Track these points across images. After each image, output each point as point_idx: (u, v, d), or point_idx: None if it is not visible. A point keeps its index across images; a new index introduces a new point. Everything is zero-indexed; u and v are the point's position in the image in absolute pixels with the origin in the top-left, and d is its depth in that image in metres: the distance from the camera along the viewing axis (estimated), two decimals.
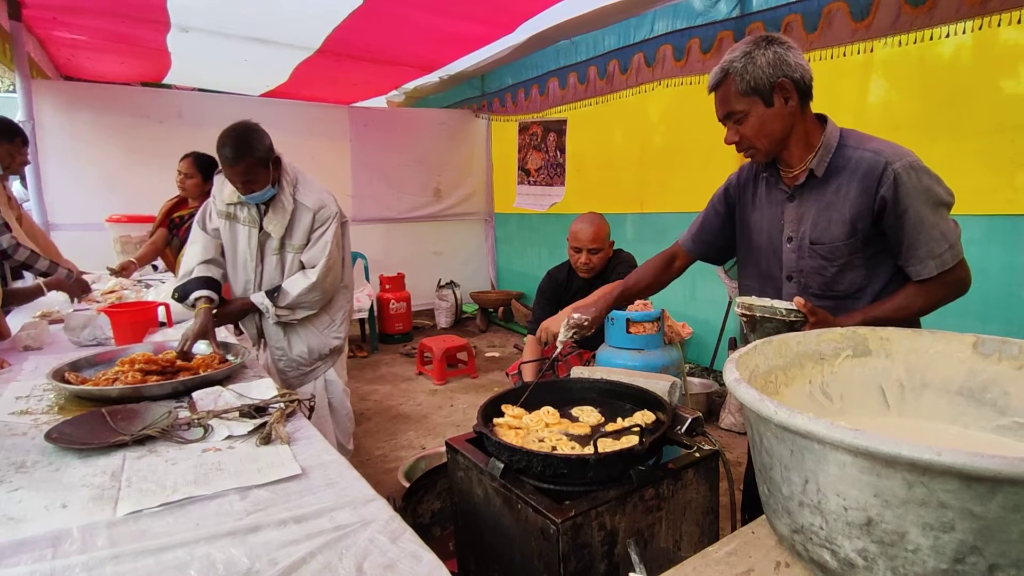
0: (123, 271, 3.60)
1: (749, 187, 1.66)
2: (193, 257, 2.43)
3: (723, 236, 1.76)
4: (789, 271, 1.55)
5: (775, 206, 1.57)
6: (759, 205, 1.62)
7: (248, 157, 2.18)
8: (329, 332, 2.62)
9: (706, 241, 1.80)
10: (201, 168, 3.52)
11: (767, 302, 1.40)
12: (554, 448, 1.39)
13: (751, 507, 1.77)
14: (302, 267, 2.47)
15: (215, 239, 2.49)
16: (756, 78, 1.41)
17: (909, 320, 1.40)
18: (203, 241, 2.47)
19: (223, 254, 2.52)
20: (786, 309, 1.35)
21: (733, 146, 1.54)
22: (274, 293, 2.40)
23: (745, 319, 1.41)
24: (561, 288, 2.86)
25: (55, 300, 3.03)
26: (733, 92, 1.45)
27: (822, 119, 1.51)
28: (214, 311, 2.27)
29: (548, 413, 1.59)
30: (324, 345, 2.61)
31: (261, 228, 2.41)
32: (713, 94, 1.53)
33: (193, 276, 2.36)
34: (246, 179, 2.22)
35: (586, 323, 1.81)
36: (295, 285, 2.41)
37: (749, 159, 1.55)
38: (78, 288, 2.91)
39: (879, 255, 1.45)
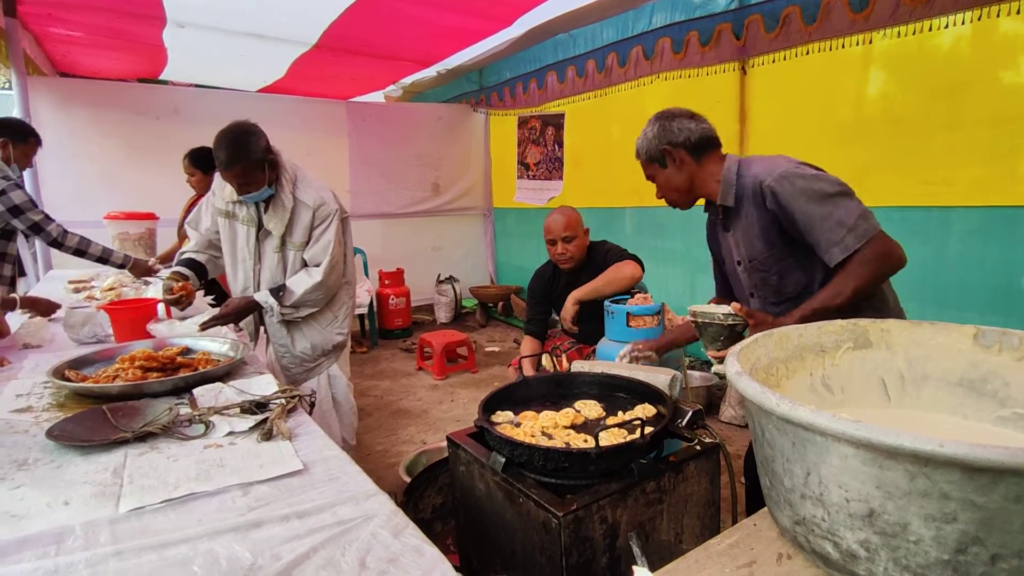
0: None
1: (712, 229, 1.89)
2: (184, 248, 2.64)
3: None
4: (749, 289, 1.75)
5: (724, 238, 1.80)
6: (720, 240, 1.85)
7: (243, 161, 2.20)
8: (332, 328, 2.63)
9: (722, 282, 1.98)
10: (199, 164, 3.54)
11: (709, 308, 1.55)
12: (567, 444, 1.40)
13: (749, 500, 1.79)
14: (304, 265, 2.47)
15: (207, 236, 2.58)
16: (648, 150, 1.76)
17: (851, 302, 1.46)
18: (195, 238, 2.59)
19: (218, 248, 2.60)
20: (723, 314, 1.49)
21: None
22: (279, 292, 2.40)
23: (695, 324, 1.56)
24: (549, 285, 2.85)
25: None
26: (642, 162, 1.81)
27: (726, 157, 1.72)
28: (198, 289, 2.52)
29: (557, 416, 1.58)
30: (327, 341, 2.62)
31: (260, 227, 2.42)
32: None
33: (180, 260, 2.58)
34: (242, 182, 2.24)
35: (647, 354, 1.96)
36: (300, 284, 2.42)
37: (673, 207, 1.83)
38: (46, 307, 2.59)
39: (810, 255, 1.57)
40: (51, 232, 3.03)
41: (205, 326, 2.30)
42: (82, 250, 3.12)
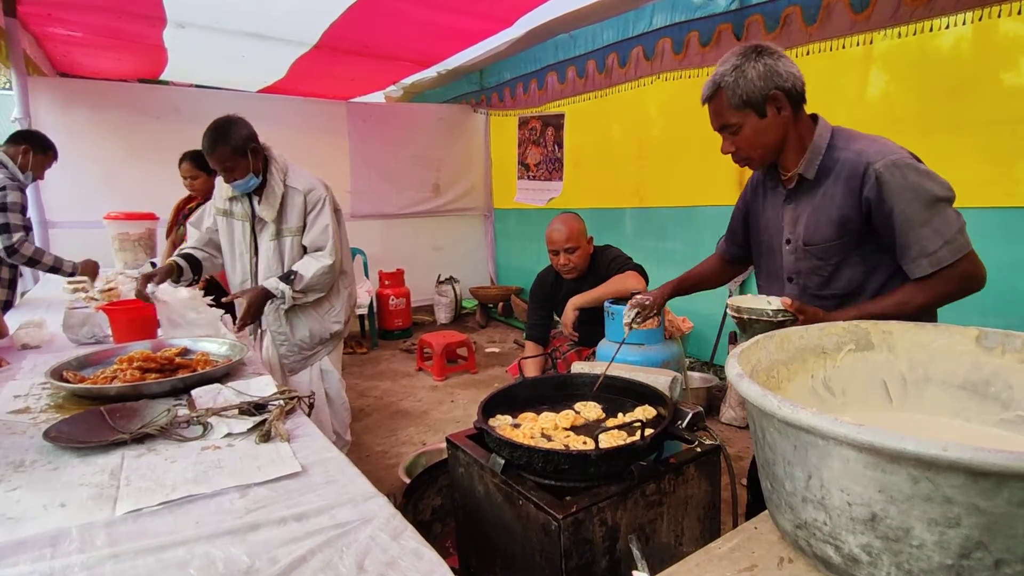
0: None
1: (759, 191, 1.67)
2: (184, 246, 2.73)
3: (748, 240, 1.77)
4: (789, 272, 1.56)
5: (776, 209, 1.58)
6: (766, 208, 1.63)
7: (222, 145, 2.33)
8: (329, 317, 2.70)
9: (738, 244, 1.82)
10: (202, 166, 3.52)
11: (756, 302, 1.40)
12: (566, 446, 1.39)
13: (755, 504, 1.78)
14: (304, 252, 2.56)
15: (207, 234, 2.69)
16: (748, 92, 1.41)
17: (914, 315, 1.35)
18: (195, 236, 2.71)
19: (217, 248, 2.70)
20: (773, 310, 1.36)
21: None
22: (290, 276, 2.47)
23: (736, 321, 1.41)
24: (551, 291, 2.83)
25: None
26: (726, 105, 1.45)
27: (815, 119, 1.50)
28: (181, 279, 2.60)
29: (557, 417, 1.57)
30: (325, 330, 2.70)
31: (254, 218, 2.53)
32: (706, 105, 1.51)
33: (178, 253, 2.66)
34: (224, 167, 2.38)
35: (648, 302, 1.82)
36: (309, 268, 2.49)
37: (745, 167, 1.56)
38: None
39: (878, 252, 1.43)
40: (12, 236, 3.06)
41: (240, 327, 2.46)
42: (36, 259, 3.17)
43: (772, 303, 1.39)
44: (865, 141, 1.41)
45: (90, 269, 3.35)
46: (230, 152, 2.34)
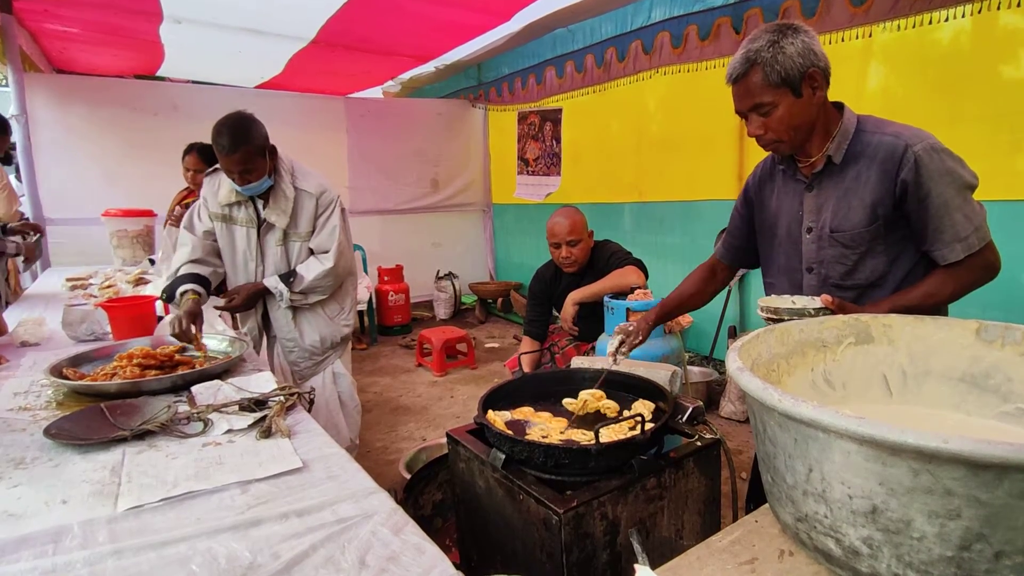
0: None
1: (767, 183, 1.64)
2: (180, 258, 2.40)
3: (751, 239, 1.73)
4: (809, 263, 1.52)
5: (793, 197, 1.54)
6: (778, 199, 1.59)
7: (245, 145, 2.16)
8: (339, 320, 2.61)
9: (737, 247, 1.78)
10: (210, 161, 3.49)
11: (792, 301, 1.36)
12: (570, 439, 1.39)
13: (756, 497, 1.78)
14: (310, 254, 2.47)
15: (204, 240, 2.44)
16: (787, 68, 1.35)
17: (937, 307, 1.37)
18: (191, 243, 2.43)
19: (217, 255, 2.48)
20: (814, 309, 1.31)
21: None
22: (289, 277, 2.39)
23: (772, 322, 1.35)
24: (550, 286, 2.83)
25: None
26: (760, 83, 1.38)
27: (838, 106, 1.49)
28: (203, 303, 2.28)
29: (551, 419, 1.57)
30: (335, 333, 2.61)
31: (261, 223, 2.39)
32: (733, 85, 1.44)
33: (179, 275, 2.33)
34: (243, 168, 2.19)
35: (631, 329, 1.76)
36: (310, 270, 2.41)
37: (772, 152, 1.52)
38: None
39: (902, 241, 1.42)
40: None
41: (223, 309, 2.35)
42: None
43: (796, 303, 1.36)
44: (898, 126, 1.41)
45: (32, 227, 3.25)
46: (252, 152, 2.18)
